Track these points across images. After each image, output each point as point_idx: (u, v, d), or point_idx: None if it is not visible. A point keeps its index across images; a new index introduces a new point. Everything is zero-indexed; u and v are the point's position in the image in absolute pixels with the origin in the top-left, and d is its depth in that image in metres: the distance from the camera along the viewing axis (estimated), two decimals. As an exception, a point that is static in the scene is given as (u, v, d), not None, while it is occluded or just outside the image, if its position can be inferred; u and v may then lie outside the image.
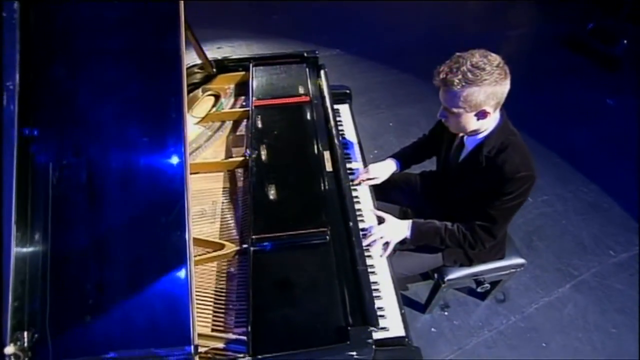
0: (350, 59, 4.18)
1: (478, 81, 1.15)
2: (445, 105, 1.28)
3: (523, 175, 1.26)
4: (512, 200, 1.32)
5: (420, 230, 1.49)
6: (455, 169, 1.50)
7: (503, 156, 1.28)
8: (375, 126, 3.28)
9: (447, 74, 1.18)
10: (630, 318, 2.10)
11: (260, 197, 1.30)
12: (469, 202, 1.45)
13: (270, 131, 1.55)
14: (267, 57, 1.90)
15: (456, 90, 1.18)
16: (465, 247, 1.48)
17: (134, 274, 0.87)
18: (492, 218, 1.38)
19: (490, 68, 1.15)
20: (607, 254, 2.40)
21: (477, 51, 1.19)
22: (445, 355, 1.95)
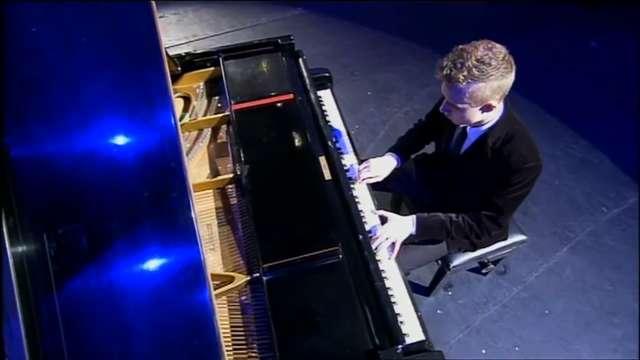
0: (315, 19, 4.12)
1: (484, 77, 1.22)
2: (449, 100, 1.35)
3: (531, 165, 1.37)
4: (519, 190, 1.44)
5: (426, 225, 1.61)
6: (458, 160, 1.60)
7: (509, 147, 1.39)
8: (352, 97, 3.32)
9: (451, 70, 1.24)
10: (625, 273, 2.38)
11: (261, 219, 1.36)
12: (473, 193, 1.57)
13: (257, 139, 1.58)
14: (237, 47, 1.87)
15: (462, 86, 1.25)
16: (472, 238, 1.61)
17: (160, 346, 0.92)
18: (498, 208, 1.50)
19: (496, 62, 1.22)
20: (600, 210, 2.66)
21: (480, 43, 1.25)
22: (455, 335, 2.16)
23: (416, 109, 3.23)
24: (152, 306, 0.95)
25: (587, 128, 3.10)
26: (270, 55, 1.86)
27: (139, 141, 1.05)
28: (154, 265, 0.98)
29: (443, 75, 1.27)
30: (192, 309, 0.96)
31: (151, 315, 0.94)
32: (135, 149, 1.04)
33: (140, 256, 0.97)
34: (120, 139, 1.04)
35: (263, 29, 4.03)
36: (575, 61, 3.58)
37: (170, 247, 1.01)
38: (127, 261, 0.96)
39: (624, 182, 2.81)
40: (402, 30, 3.92)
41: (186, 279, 0.98)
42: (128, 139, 1.05)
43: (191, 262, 1.00)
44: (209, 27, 4.11)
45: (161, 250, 1.00)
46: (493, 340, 2.13)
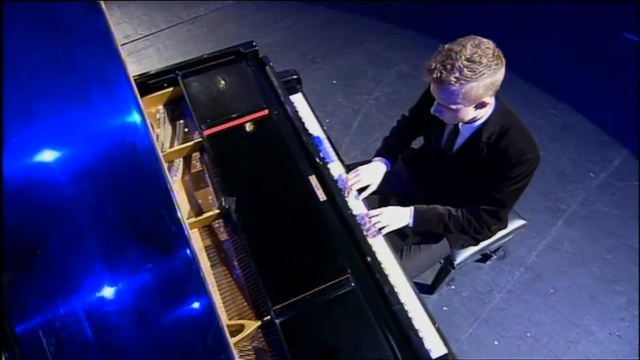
0: (261, 2, 4.06)
1: (476, 76, 1.28)
2: (441, 102, 1.40)
3: (529, 157, 1.46)
4: (518, 182, 1.53)
5: (424, 217, 1.69)
6: (451, 158, 1.67)
7: (505, 141, 1.47)
8: (317, 88, 3.34)
9: (441, 73, 1.29)
10: (620, 239, 2.59)
11: (261, 256, 1.38)
12: (470, 189, 1.66)
13: (238, 166, 1.58)
14: (195, 62, 1.85)
15: (454, 88, 1.31)
16: (470, 233, 1.70)
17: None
18: (498, 202, 1.60)
19: (486, 60, 1.28)
20: (588, 177, 2.86)
21: (467, 40, 1.30)
22: (464, 330, 2.29)
23: (387, 93, 3.29)
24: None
25: (563, 91, 3.29)
26: (234, 67, 1.84)
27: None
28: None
29: (433, 78, 1.32)
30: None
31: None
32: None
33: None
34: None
35: (205, 20, 3.95)
36: (544, 21, 3.76)
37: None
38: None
39: (607, 143, 3.02)
40: (359, 5, 3.95)
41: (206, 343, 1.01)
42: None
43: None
44: (141, 26, 3.98)
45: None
46: (503, 329, 2.28)
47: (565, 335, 2.25)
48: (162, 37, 3.86)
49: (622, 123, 3.12)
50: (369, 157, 2.89)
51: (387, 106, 3.20)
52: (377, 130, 3.07)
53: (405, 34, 3.70)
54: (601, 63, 3.47)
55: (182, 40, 3.80)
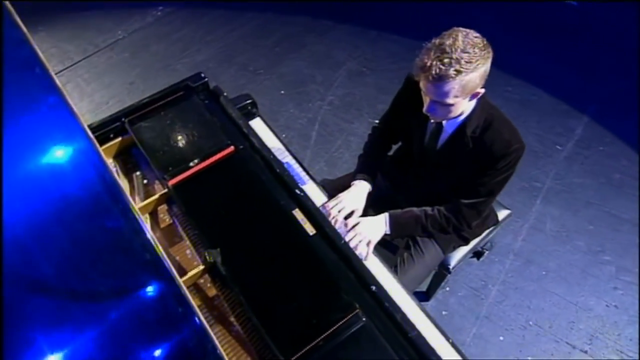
0: (185, 16, 4.04)
1: (473, 66, 1.37)
2: (437, 99, 1.47)
3: (515, 147, 1.57)
4: (504, 173, 1.64)
5: (399, 223, 1.76)
6: (435, 156, 1.75)
7: (490, 134, 1.57)
8: (266, 102, 3.36)
9: (440, 69, 1.36)
10: (598, 207, 2.81)
11: (260, 308, 1.38)
12: (455, 185, 1.75)
13: (214, 213, 1.58)
14: (141, 105, 1.82)
15: (453, 82, 1.38)
16: (449, 231, 1.80)
17: None
18: (480, 195, 1.69)
19: (479, 51, 1.37)
20: (555, 150, 3.07)
21: (454, 33, 1.38)
22: (468, 331, 2.40)
23: (340, 96, 3.37)
24: None
25: (514, 66, 3.50)
26: (186, 104, 1.83)
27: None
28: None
29: (433, 75, 1.38)
30: None
31: None
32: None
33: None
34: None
35: (125, 45, 3.86)
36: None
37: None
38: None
39: (566, 112, 3.26)
40: (290, 6, 4.01)
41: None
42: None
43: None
44: (52, 61, 3.83)
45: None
46: (506, 322, 2.41)
47: (565, 317, 2.42)
48: (79, 71, 3.73)
49: (576, 89, 3.37)
50: (334, 167, 2.98)
51: (343, 110, 3.27)
52: (338, 137, 3.13)
53: (346, 30, 3.80)
54: (547, 32, 3.73)
55: (104, 71, 3.70)
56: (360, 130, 3.14)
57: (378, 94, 3.33)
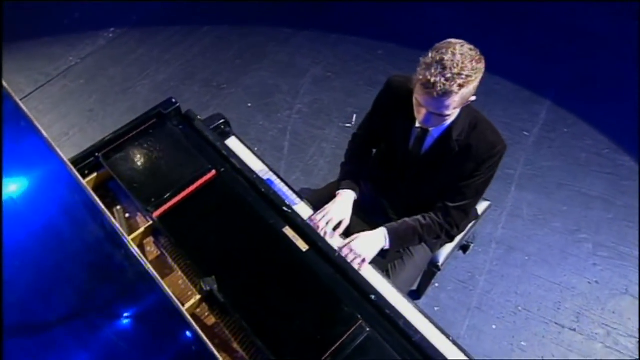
0: (140, 35, 3.99)
1: (473, 78, 1.43)
2: (437, 111, 1.51)
3: (499, 148, 1.64)
4: (488, 174, 1.71)
5: (398, 235, 1.80)
6: (420, 160, 1.80)
7: (475, 136, 1.63)
8: (234, 116, 3.36)
9: (443, 85, 1.40)
10: (569, 188, 2.94)
11: (264, 331, 1.40)
12: (441, 188, 1.81)
13: (204, 240, 1.58)
14: (114, 137, 1.80)
15: (456, 96, 1.43)
16: (442, 236, 1.86)
17: None
18: (467, 197, 1.76)
19: (476, 63, 1.42)
20: (523, 136, 3.20)
21: (450, 46, 1.43)
22: (461, 323, 2.47)
23: (308, 103, 3.40)
24: None
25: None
26: (160, 132, 1.83)
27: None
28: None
29: (437, 92, 1.42)
30: None
31: None
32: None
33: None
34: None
35: (79, 71, 3.78)
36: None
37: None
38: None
39: (529, 98, 3.40)
40: (250, 16, 4.02)
41: None
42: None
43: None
44: (3, 94, 3.69)
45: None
46: (496, 311, 2.50)
47: (551, 298, 2.52)
48: (32, 103, 3.62)
49: (536, 74, 3.52)
50: (311, 176, 3.01)
51: (313, 117, 3.31)
52: (311, 145, 3.16)
53: (307, 36, 3.83)
54: (499, 19, 3.87)
55: (59, 100, 3.61)
56: (332, 136, 3.18)
57: (346, 98, 3.38)
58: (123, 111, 3.43)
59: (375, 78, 3.52)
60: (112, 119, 3.39)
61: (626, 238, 2.76)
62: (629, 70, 3.53)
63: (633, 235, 2.75)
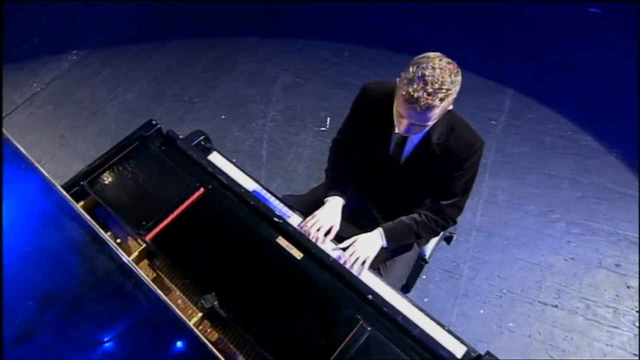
0: (105, 56, 3.93)
1: (452, 90, 1.48)
2: (420, 123, 1.56)
3: (478, 146, 1.70)
4: (471, 171, 1.77)
5: (394, 234, 1.86)
6: (401, 165, 1.84)
7: (454, 138, 1.68)
8: (209, 129, 3.29)
9: (426, 99, 1.44)
10: (537, 171, 3.06)
11: (269, 342, 1.42)
12: (424, 189, 1.87)
13: (199, 258, 1.60)
14: (97, 164, 1.79)
15: (438, 108, 1.48)
16: (439, 232, 1.92)
17: None
18: (457, 194, 1.82)
19: (454, 76, 1.47)
20: (491, 125, 3.30)
21: (429, 60, 1.46)
22: (451, 312, 2.54)
23: (281, 110, 3.43)
24: None
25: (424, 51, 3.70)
26: (143, 155, 1.82)
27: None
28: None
29: (421, 107, 1.46)
30: None
31: None
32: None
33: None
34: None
35: (45, 97, 3.70)
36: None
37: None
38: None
39: (494, 88, 3.51)
40: (215, 28, 4.01)
41: None
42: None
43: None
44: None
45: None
46: (483, 296, 2.58)
47: (533, 278, 2.63)
48: (2, 132, 3.52)
49: (497, 65, 3.63)
50: (292, 182, 3.04)
51: (288, 123, 3.33)
52: (288, 151, 3.19)
53: (273, 44, 3.85)
54: (458, 16, 3.98)
55: (27, 128, 3.52)
56: (309, 141, 3.22)
57: (318, 102, 3.42)
58: (95, 134, 3.38)
59: (344, 80, 3.57)
60: (84, 142, 3.34)
61: (595, 214, 2.89)
62: (581, 55, 3.70)
63: (601, 211, 2.89)
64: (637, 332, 2.48)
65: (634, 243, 2.78)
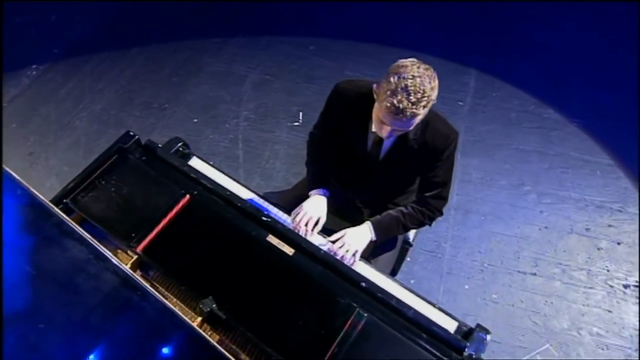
0: (66, 69, 3.84)
1: (433, 96, 1.51)
2: (403, 129, 1.59)
3: (453, 137, 1.75)
4: (449, 160, 1.82)
5: (383, 227, 1.90)
6: (380, 162, 1.88)
7: (430, 132, 1.72)
8: (182, 134, 3.25)
9: (411, 108, 1.46)
10: (505, 146, 3.17)
11: (271, 339, 1.46)
12: (405, 182, 1.92)
13: (193, 264, 1.61)
14: (80, 180, 1.77)
15: (421, 115, 1.52)
16: (426, 223, 1.97)
17: None
18: (439, 185, 1.86)
19: (433, 81, 1.49)
20: (459, 106, 3.39)
21: (407, 69, 1.47)
22: (437, 290, 2.62)
23: (253, 109, 3.43)
24: None
25: (399, 39, 3.78)
26: (125, 167, 1.81)
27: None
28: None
29: (407, 116, 1.49)
30: None
31: None
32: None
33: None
34: None
35: (10, 114, 3.60)
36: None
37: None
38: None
39: (457, 70, 3.60)
40: (177, 32, 3.95)
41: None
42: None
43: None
44: None
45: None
46: (466, 272, 2.67)
47: (511, 250, 2.73)
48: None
49: (458, 47, 3.72)
50: (270, 179, 3.06)
51: (261, 121, 3.34)
52: (264, 149, 3.20)
53: (238, 43, 3.84)
54: (414, 3, 4.04)
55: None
56: (283, 137, 3.23)
57: (288, 97, 3.44)
58: (65, 148, 3.31)
59: (312, 73, 3.59)
60: (55, 158, 3.26)
61: (563, 183, 3.02)
62: (536, 30, 3.82)
63: (568, 180, 3.02)
64: (609, 289, 2.62)
65: (600, 207, 2.92)
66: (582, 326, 2.49)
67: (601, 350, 2.42)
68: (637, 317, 2.52)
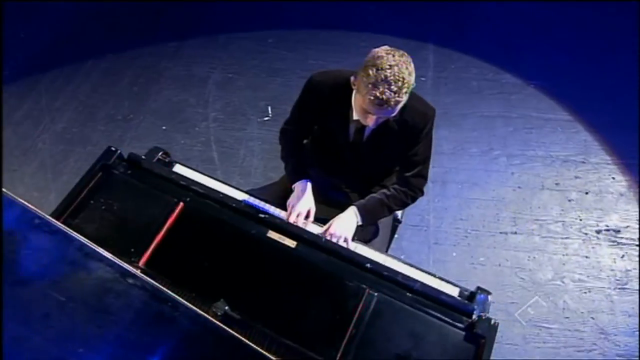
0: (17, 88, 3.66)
1: (412, 81, 1.53)
2: (388, 117, 1.62)
3: (431, 114, 1.80)
4: (428, 138, 1.86)
5: (368, 210, 1.93)
6: (362, 147, 1.91)
7: (408, 111, 1.74)
8: (153, 143, 3.17)
9: (393, 97, 1.48)
10: (473, 115, 3.26)
11: (288, 331, 1.48)
12: (388, 163, 1.95)
13: (197, 270, 1.61)
14: (67, 202, 1.72)
15: (404, 99, 1.54)
16: (409, 203, 2.01)
17: None
18: (419, 163, 1.90)
19: (409, 66, 1.52)
20: (421, 82, 3.44)
21: (387, 60, 1.48)
22: (426, 260, 2.70)
23: (220, 109, 3.38)
24: None
25: (358, 23, 3.80)
26: (111, 183, 1.78)
27: None
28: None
29: (391, 106, 1.51)
30: None
31: None
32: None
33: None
34: None
35: None
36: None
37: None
38: None
39: (416, 46, 3.65)
40: (130, 39, 3.83)
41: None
42: None
43: None
44: None
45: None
46: (451, 240, 2.76)
47: (490, 213, 2.84)
48: None
49: (414, 25, 3.78)
50: (250, 176, 3.06)
51: (230, 120, 3.31)
52: (239, 147, 3.18)
53: (195, 44, 3.77)
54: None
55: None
56: (255, 133, 3.22)
57: (255, 93, 3.41)
58: (32, 172, 3.18)
59: (274, 66, 3.58)
60: (22, 185, 3.13)
61: (529, 143, 3.15)
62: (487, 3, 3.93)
63: (533, 139, 3.15)
64: (584, 237, 2.77)
65: (565, 161, 3.06)
66: (564, 275, 2.63)
67: (584, 294, 2.57)
68: (612, 259, 2.68)
